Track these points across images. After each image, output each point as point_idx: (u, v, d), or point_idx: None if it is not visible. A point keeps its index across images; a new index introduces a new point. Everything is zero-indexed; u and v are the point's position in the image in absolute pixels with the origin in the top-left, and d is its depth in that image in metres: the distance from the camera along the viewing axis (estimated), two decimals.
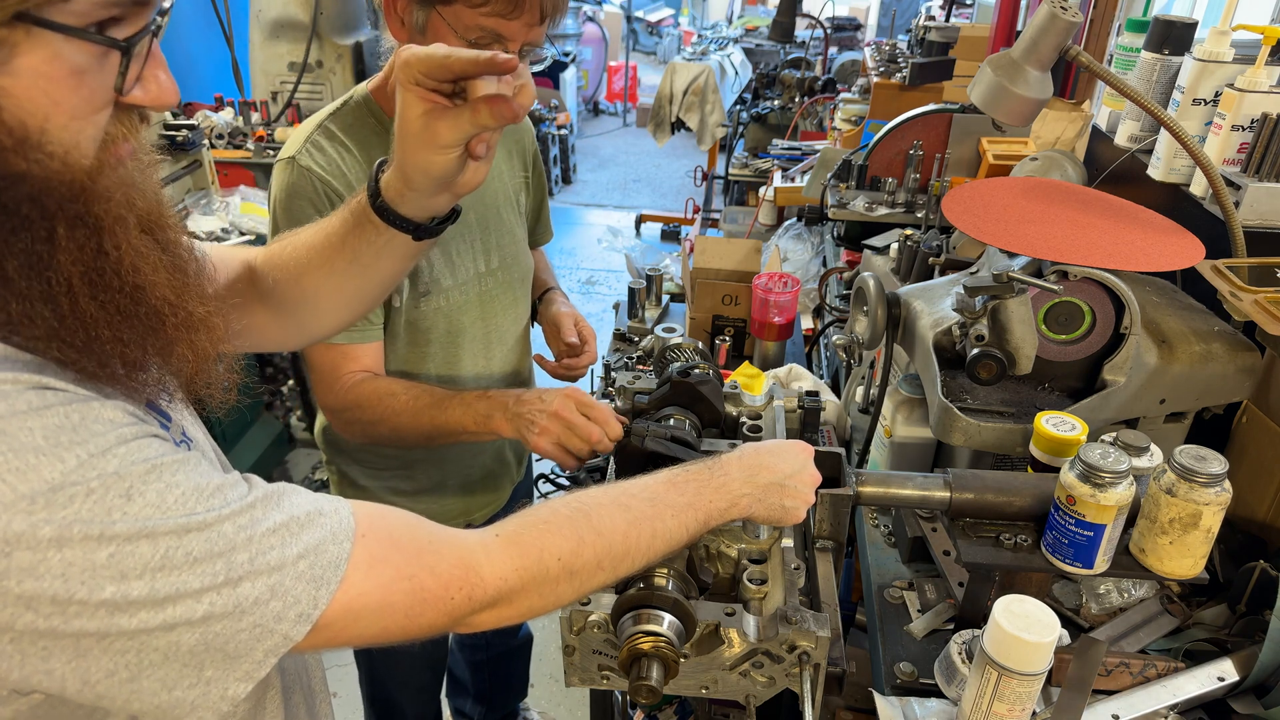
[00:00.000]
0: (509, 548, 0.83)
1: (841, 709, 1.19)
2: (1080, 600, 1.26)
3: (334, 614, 0.72)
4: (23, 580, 0.59)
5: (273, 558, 0.69)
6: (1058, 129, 2.23)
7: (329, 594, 0.71)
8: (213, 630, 0.66)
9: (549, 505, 0.90)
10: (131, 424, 0.67)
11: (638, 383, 1.38)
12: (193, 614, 0.65)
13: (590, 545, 0.87)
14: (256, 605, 0.68)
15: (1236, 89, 1.47)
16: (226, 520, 0.68)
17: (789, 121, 4.82)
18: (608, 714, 1.84)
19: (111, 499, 0.62)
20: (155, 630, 0.64)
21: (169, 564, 0.64)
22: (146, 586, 0.63)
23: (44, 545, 0.59)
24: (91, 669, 0.63)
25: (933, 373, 1.35)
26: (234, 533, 0.68)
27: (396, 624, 0.77)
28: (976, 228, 1.37)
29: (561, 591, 0.86)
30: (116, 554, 0.61)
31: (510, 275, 1.68)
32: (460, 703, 2.48)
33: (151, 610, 0.63)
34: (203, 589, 0.65)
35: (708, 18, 11.93)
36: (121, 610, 0.62)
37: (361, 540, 0.75)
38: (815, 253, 2.95)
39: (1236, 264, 1.33)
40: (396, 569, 0.76)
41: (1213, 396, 1.34)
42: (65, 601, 0.60)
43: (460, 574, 0.80)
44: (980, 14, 4.27)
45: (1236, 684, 1.10)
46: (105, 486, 0.62)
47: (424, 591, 0.77)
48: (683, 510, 0.96)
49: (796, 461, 1.08)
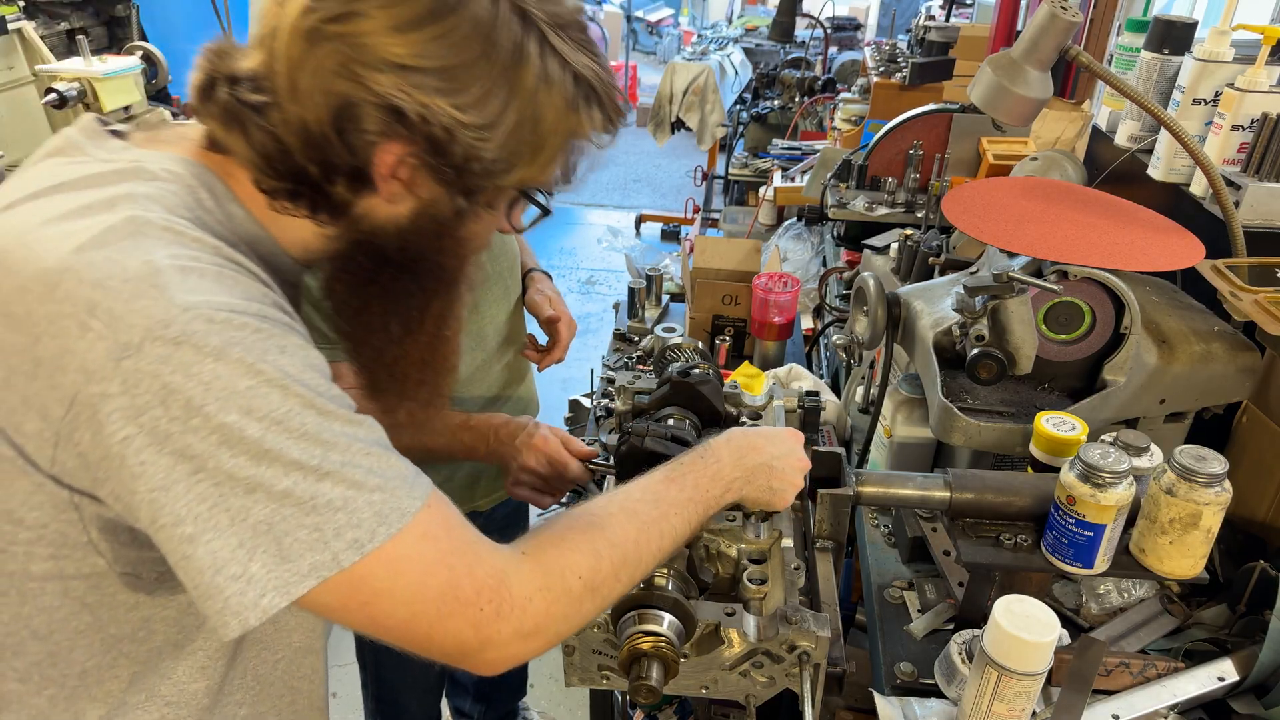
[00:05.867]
0: (535, 568, 0.82)
1: (841, 709, 1.19)
2: (1080, 600, 1.26)
3: (377, 563, 0.72)
4: (175, 373, 0.66)
5: (357, 474, 0.72)
6: (1058, 129, 2.23)
7: (386, 534, 0.72)
8: (281, 514, 0.69)
9: (563, 521, 0.89)
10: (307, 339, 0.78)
11: (638, 383, 1.37)
12: (275, 483, 0.69)
13: (607, 558, 0.86)
14: (326, 509, 0.70)
15: (1236, 89, 1.47)
16: (339, 420, 0.73)
17: (789, 121, 4.81)
18: (608, 714, 1.84)
19: (270, 344, 0.71)
20: (240, 483, 0.68)
21: (284, 424, 0.70)
22: (258, 432, 0.68)
23: (206, 353, 0.67)
24: (172, 501, 0.68)
25: (933, 373, 1.35)
26: (339, 432, 0.73)
27: (426, 616, 0.75)
28: (976, 227, 1.37)
29: (585, 609, 0.85)
30: (254, 388, 0.69)
31: (499, 265, 1.68)
32: (460, 702, 2.48)
33: (249, 460, 0.68)
34: (294, 463, 0.69)
35: (707, 17, 11.93)
36: (228, 444, 0.68)
37: (427, 509, 0.76)
38: (815, 253, 2.95)
39: (1236, 264, 1.33)
40: (442, 552, 0.76)
41: (1213, 396, 1.34)
42: (195, 410, 0.67)
43: (493, 584, 0.78)
44: (980, 14, 4.27)
45: (1236, 684, 1.10)
46: (269, 335, 0.71)
47: (458, 589, 0.76)
48: (684, 505, 0.96)
49: (785, 445, 1.09)
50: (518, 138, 0.81)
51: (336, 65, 0.75)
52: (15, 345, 0.70)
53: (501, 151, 0.81)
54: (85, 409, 0.68)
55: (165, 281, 0.69)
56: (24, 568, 0.77)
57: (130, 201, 0.75)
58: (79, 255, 0.70)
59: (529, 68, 0.79)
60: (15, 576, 0.77)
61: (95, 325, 0.67)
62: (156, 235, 0.72)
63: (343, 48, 0.75)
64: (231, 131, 0.81)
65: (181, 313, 0.68)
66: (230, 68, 0.81)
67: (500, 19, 0.77)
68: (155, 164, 0.80)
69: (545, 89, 0.81)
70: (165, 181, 0.79)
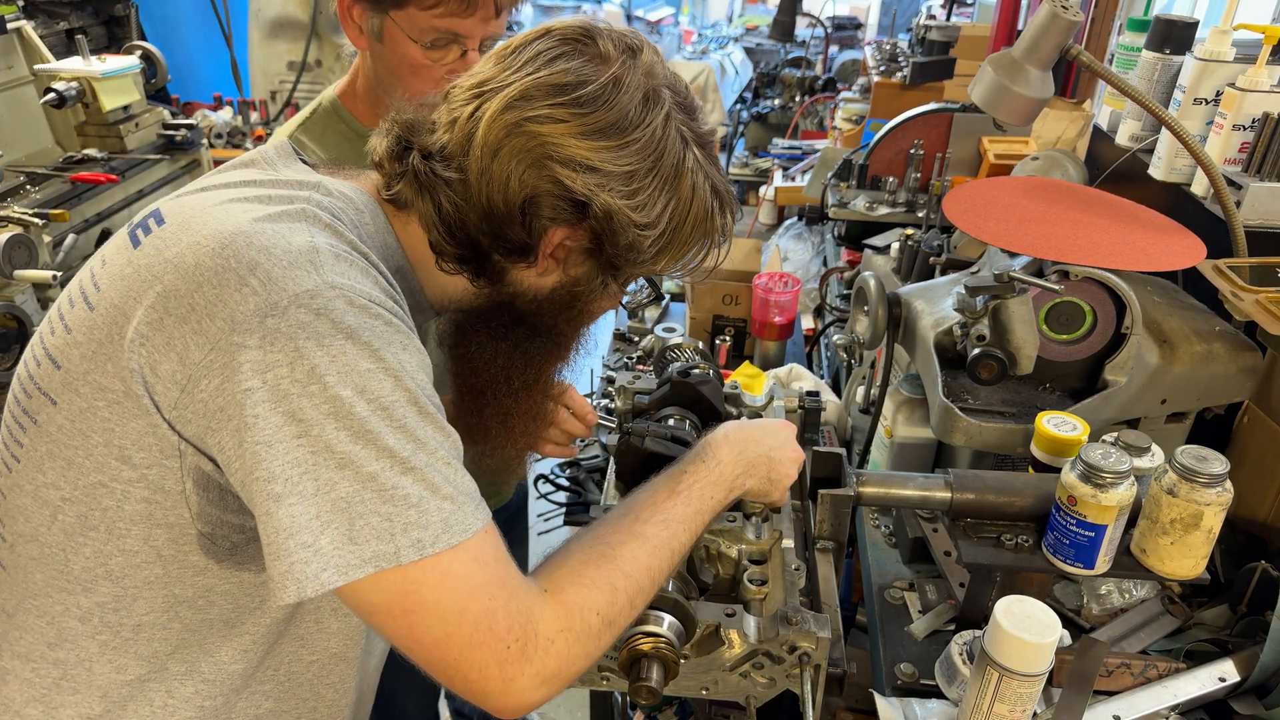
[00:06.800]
0: (558, 609, 0.82)
1: (842, 710, 1.18)
2: (1081, 601, 1.26)
3: (431, 571, 0.75)
4: (308, 340, 0.73)
5: (436, 479, 0.76)
6: (1059, 128, 2.22)
7: (448, 543, 0.75)
8: (361, 496, 0.73)
9: (577, 553, 0.89)
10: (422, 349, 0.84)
11: (638, 383, 1.37)
12: (364, 465, 0.73)
13: (622, 590, 0.87)
14: (401, 503, 0.74)
15: (1238, 88, 1.47)
16: (433, 424, 0.79)
17: (789, 121, 4.81)
18: (607, 715, 1.84)
19: (396, 338, 0.78)
20: (335, 457, 0.73)
21: (389, 411, 0.75)
22: (365, 412, 0.74)
23: (341, 329, 0.75)
24: (272, 457, 0.72)
25: (934, 373, 1.35)
26: (432, 435, 0.78)
27: (459, 639, 0.76)
28: (977, 227, 1.37)
29: (603, 644, 0.86)
30: (372, 371, 0.75)
31: None
32: (459, 703, 2.47)
33: (349, 436, 0.73)
34: (387, 450, 0.74)
35: (708, 17, 11.91)
36: (335, 416, 0.73)
37: (484, 533, 0.79)
38: (816, 252, 2.95)
39: (1238, 264, 1.33)
40: (488, 579, 0.78)
41: (1214, 396, 1.34)
42: (316, 377, 0.73)
43: (522, 622, 0.78)
44: (981, 13, 4.26)
45: (1238, 684, 1.10)
46: (398, 329, 0.79)
47: (493, 619, 0.77)
48: (692, 519, 0.97)
49: (780, 436, 1.11)
50: (668, 235, 0.94)
51: (533, 159, 0.86)
52: (178, 290, 0.76)
53: (654, 246, 0.93)
54: (222, 355, 0.73)
55: (321, 260, 0.78)
56: (119, 505, 0.81)
57: (306, 202, 0.85)
58: (253, 224, 0.79)
59: (686, 179, 0.92)
60: (109, 513, 0.82)
61: (253, 282, 0.75)
62: (322, 226, 0.83)
63: (538, 145, 0.86)
64: (421, 196, 0.91)
65: (329, 288, 0.76)
66: (425, 141, 0.92)
67: (669, 138, 0.90)
68: (334, 185, 0.91)
69: (695, 197, 0.93)
70: (338, 199, 0.89)
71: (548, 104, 0.85)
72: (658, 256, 0.95)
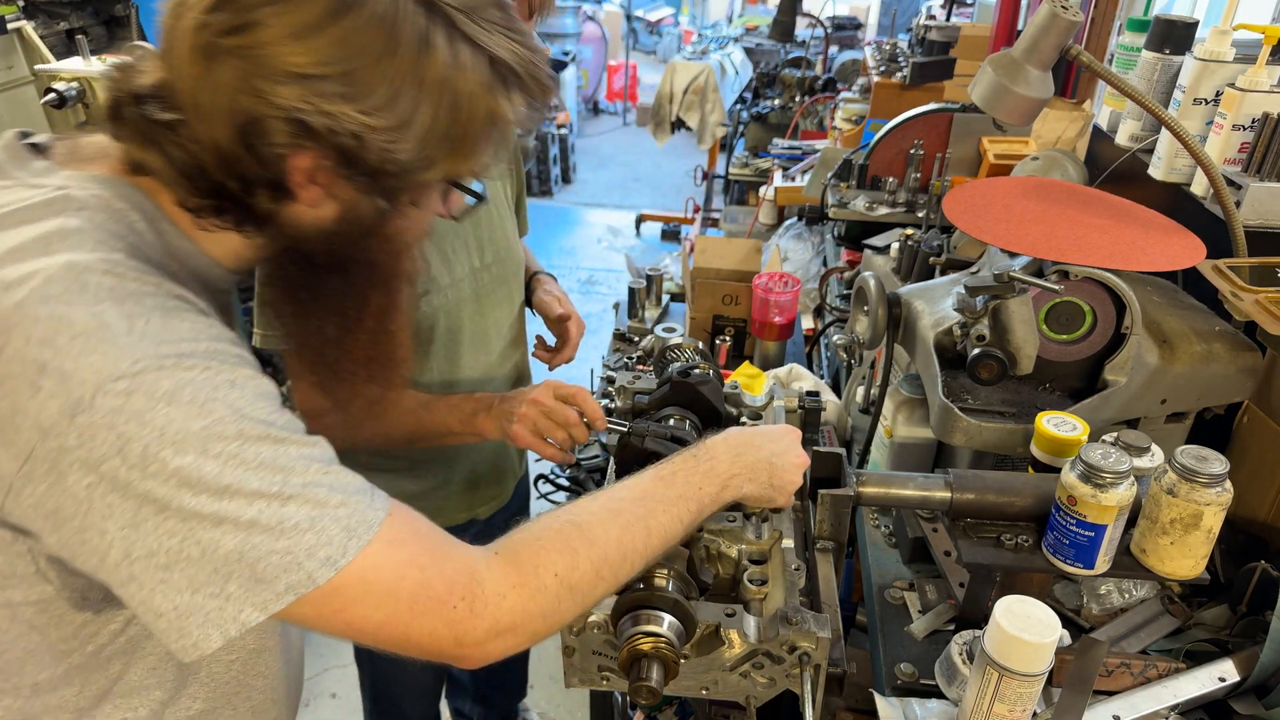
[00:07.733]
0: (507, 565, 0.83)
1: (842, 710, 1.19)
2: (1081, 601, 1.26)
3: (351, 577, 0.74)
4: (129, 423, 0.67)
5: (320, 493, 0.74)
6: (1058, 128, 2.22)
7: (357, 548, 0.74)
8: (251, 542, 0.70)
9: (540, 522, 0.89)
10: (255, 366, 0.77)
11: (638, 383, 1.37)
12: (240, 514, 0.70)
13: (585, 557, 0.86)
14: (295, 531, 0.72)
15: (1237, 88, 1.47)
16: (294, 444, 0.74)
17: (789, 121, 4.81)
18: (607, 715, 1.84)
19: (219, 381, 0.72)
20: (206, 519, 0.69)
21: (239, 457, 0.70)
22: (216, 468, 0.69)
23: (158, 399, 0.68)
24: (138, 544, 0.69)
25: (934, 373, 1.35)
26: (296, 456, 0.74)
27: (400, 617, 0.77)
28: (977, 227, 1.37)
29: (564, 608, 0.86)
30: (207, 428, 0.69)
31: (504, 269, 1.68)
32: (459, 703, 2.47)
33: (210, 496, 0.69)
34: (256, 493, 0.70)
35: (708, 17, 11.93)
36: (188, 485, 0.68)
37: (390, 517, 0.78)
38: (815, 252, 2.95)
39: (1237, 264, 1.33)
40: (411, 554, 0.78)
41: (1214, 396, 1.34)
42: (150, 458, 0.67)
43: (464, 580, 0.80)
44: (981, 13, 4.26)
45: (1237, 684, 1.10)
46: (218, 371, 0.72)
47: (430, 588, 0.78)
48: (674, 503, 0.96)
49: (783, 442, 1.09)
50: (435, 132, 0.79)
51: (237, 81, 0.73)
52: None
53: (419, 149, 0.79)
54: (42, 463, 0.68)
55: (113, 335, 0.69)
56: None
57: (64, 240, 0.72)
58: (22, 312, 0.68)
59: (436, 59, 0.76)
60: None
61: (46, 384, 0.67)
62: (98, 282, 0.71)
63: (241, 63, 0.73)
64: (148, 151, 0.79)
65: (131, 364, 0.68)
66: (134, 84, 0.78)
67: (401, 12, 0.74)
68: (82, 190, 0.78)
69: (458, 77, 0.78)
70: (94, 210, 0.76)
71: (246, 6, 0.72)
72: (433, 160, 0.81)
